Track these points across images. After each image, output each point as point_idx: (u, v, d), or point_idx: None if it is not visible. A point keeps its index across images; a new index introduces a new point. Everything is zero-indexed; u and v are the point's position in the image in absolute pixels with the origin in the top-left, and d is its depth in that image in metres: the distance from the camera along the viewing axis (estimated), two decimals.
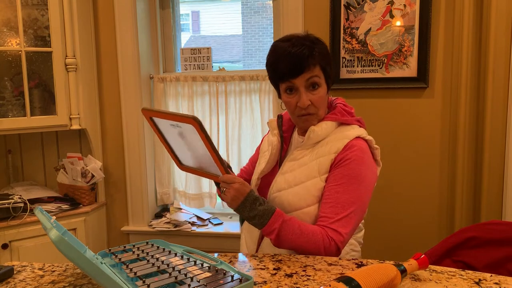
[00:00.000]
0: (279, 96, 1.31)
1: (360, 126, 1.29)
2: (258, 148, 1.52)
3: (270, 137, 1.41)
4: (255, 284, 0.95)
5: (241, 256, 1.14)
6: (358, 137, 1.23)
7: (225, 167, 1.16)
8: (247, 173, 1.54)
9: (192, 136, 1.12)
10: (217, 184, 1.40)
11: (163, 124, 1.20)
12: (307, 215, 1.20)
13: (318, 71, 1.22)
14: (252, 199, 1.15)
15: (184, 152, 1.26)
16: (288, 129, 1.39)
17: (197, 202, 2.55)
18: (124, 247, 1.11)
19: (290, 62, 1.19)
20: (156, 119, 1.20)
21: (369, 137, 1.25)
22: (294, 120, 1.31)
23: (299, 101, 1.22)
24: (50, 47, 2.15)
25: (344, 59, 2.17)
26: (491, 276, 0.97)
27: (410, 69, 2.10)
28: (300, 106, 1.22)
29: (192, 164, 1.28)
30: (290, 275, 1.00)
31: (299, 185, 1.23)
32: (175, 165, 2.56)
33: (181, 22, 2.64)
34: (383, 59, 2.13)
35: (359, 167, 1.18)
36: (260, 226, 1.15)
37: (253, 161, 1.53)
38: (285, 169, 1.29)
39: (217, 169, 1.17)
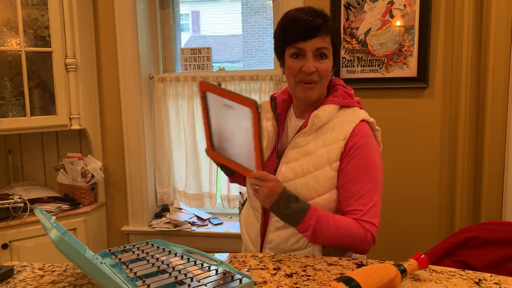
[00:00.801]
0: (282, 65, 1.26)
1: (360, 108, 1.27)
2: None
3: (263, 121, 1.35)
4: (255, 284, 0.95)
5: (241, 256, 1.14)
6: (362, 120, 1.21)
7: (263, 164, 1.11)
8: None
9: (241, 122, 1.08)
10: (227, 172, 1.36)
11: (216, 102, 1.15)
12: (317, 205, 1.17)
13: (328, 43, 1.19)
14: (286, 197, 1.12)
15: (223, 137, 1.20)
16: (282, 112, 1.32)
17: (197, 202, 2.55)
18: (124, 247, 1.11)
19: (303, 26, 1.16)
20: (210, 95, 1.16)
21: (371, 119, 1.25)
22: (293, 88, 1.24)
23: (305, 65, 1.17)
24: (50, 47, 2.15)
25: (344, 59, 2.17)
26: (491, 276, 0.97)
27: (410, 69, 2.10)
28: (304, 70, 1.17)
29: (225, 152, 1.22)
30: (290, 275, 1.00)
31: (307, 175, 1.18)
32: (175, 165, 2.59)
33: (181, 22, 2.65)
34: (383, 59, 2.13)
35: (371, 153, 1.18)
36: (295, 224, 1.14)
37: None
38: (288, 157, 1.22)
39: (252, 163, 1.11)
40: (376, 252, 2.20)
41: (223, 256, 1.14)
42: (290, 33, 1.18)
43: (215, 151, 1.26)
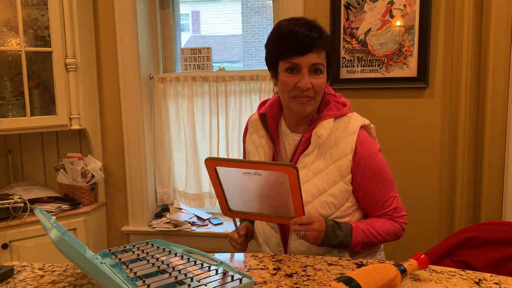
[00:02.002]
0: (274, 77, 1.25)
1: (351, 111, 1.28)
2: (245, 152, 1.42)
3: (253, 137, 1.33)
4: (255, 284, 0.95)
5: (241, 256, 1.14)
6: (360, 128, 1.23)
7: (304, 209, 1.11)
8: None
9: (273, 184, 1.08)
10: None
11: (232, 173, 1.13)
12: (338, 218, 1.21)
13: (323, 58, 1.19)
14: (330, 230, 1.15)
15: (245, 198, 1.18)
16: (273, 127, 1.30)
17: (197, 202, 2.55)
18: (124, 247, 1.11)
19: (299, 40, 1.14)
20: (223, 169, 1.13)
21: (366, 122, 1.26)
22: (287, 102, 1.23)
23: (300, 81, 1.16)
24: (50, 47, 2.15)
25: (344, 59, 2.17)
26: (491, 276, 0.97)
27: (410, 69, 2.10)
28: (300, 87, 1.16)
29: (250, 209, 1.19)
30: (290, 275, 1.00)
31: (324, 194, 1.20)
32: (174, 165, 2.59)
33: (181, 22, 2.64)
34: (383, 59, 2.13)
35: (379, 158, 1.24)
36: (345, 247, 1.19)
37: None
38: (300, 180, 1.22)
39: (288, 211, 1.12)
40: None
41: (223, 256, 1.14)
42: (285, 46, 1.16)
43: (232, 211, 1.22)
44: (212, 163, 1.12)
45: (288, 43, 1.16)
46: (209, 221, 2.48)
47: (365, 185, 1.22)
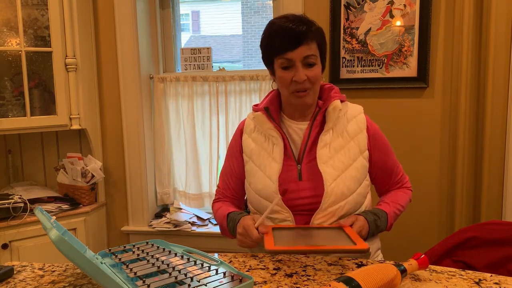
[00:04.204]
0: (272, 73, 1.28)
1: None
2: (232, 159, 1.37)
3: (253, 135, 1.32)
4: (255, 284, 0.95)
5: (241, 256, 1.14)
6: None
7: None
8: (233, 190, 1.39)
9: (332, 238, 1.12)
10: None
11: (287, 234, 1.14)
12: (359, 195, 1.26)
13: (315, 49, 1.22)
14: (373, 224, 1.21)
15: (298, 235, 1.15)
16: (277, 121, 1.30)
17: (197, 202, 2.55)
18: (124, 247, 1.11)
19: (288, 35, 1.18)
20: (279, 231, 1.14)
21: None
22: (287, 97, 1.27)
23: (295, 75, 1.20)
24: (50, 47, 2.15)
25: (344, 59, 2.17)
26: (491, 276, 0.97)
27: (410, 69, 2.10)
28: (296, 80, 1.20)
29: (298, 243, 1.12)
30: (290, 275, 1.00)
31: (349, 168, 1.24)
32: (175, 165, 2.59)
33: (181, 22, 2.64)
34: (383, 59, 2.13)
35: (382, 133, 1.36)
36: (384, 231, 1.28)
37: (233, 173, 1.37)
38: (323, 158, 1.23)
39: (340, 239, 1.11)
40: None
41: (223, 256, 1.14)
42: (277, 43, 1.20)
43: (276, 244, 1.09)
44: (274, 251, 1.06)
45: (278, 39, 1.20)
46: (209, 221, 2.48)
47: (383, 160, 1.32)
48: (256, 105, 1.36)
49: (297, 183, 1.24)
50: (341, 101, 1.28)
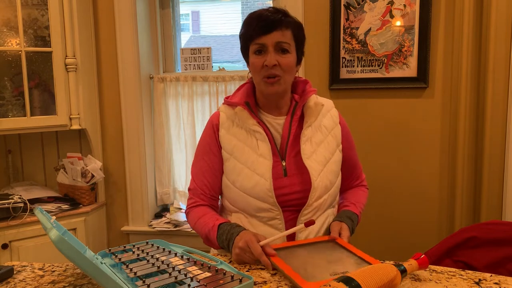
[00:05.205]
0: (248, 63, 1.28)
1: None
2: (209, 156, 1.30)
3: (233, 130, 1.27)
4: (255, 284, 0.95)
5: None
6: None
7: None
8: (212, 189, 1.31)
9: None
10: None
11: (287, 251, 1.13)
12: (337, 187, 1.32)
13: (289, 37, 1.22)
14: (351, 229, 1.25)
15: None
16: (257, 115, 1.29)
17: None
18: (124, 247, 1.11)
19: (263, 21, 1.20)
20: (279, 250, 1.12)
21: None
22: (258, 84, 1.25)
23: (266, 60, 1.19)
24: (50, 47, 2.15)
25: (344, 59, 2.17)
26: (491, 276, 0.97)
27: (410, 69, 2.10)
28: (266, 64, 1.19)
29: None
30: None
31: (329, 161, 1.27)
32: (175, 165, 2.58)
33: (181, 22, 2.64)
34: (383, 59, 2.13)
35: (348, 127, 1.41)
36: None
37: (212, 171, 1.30)
38: (306, 152, 1.24)
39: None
40: (375, 251, 2.20)
41: (223, 256, 1.14)
42: (251, 29, 1.21)
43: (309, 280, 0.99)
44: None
45: (253, 25, 1.21)
46: None
47: (350, 153, 1.38)
48: (228, 98, 1.32)
49: (285, 179, 1.23)
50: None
